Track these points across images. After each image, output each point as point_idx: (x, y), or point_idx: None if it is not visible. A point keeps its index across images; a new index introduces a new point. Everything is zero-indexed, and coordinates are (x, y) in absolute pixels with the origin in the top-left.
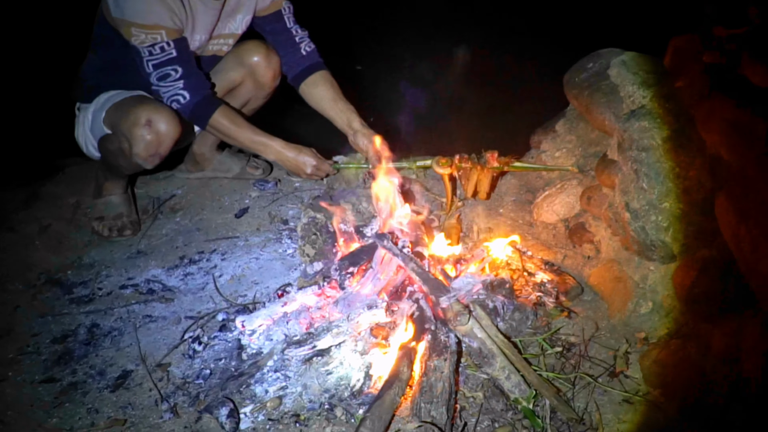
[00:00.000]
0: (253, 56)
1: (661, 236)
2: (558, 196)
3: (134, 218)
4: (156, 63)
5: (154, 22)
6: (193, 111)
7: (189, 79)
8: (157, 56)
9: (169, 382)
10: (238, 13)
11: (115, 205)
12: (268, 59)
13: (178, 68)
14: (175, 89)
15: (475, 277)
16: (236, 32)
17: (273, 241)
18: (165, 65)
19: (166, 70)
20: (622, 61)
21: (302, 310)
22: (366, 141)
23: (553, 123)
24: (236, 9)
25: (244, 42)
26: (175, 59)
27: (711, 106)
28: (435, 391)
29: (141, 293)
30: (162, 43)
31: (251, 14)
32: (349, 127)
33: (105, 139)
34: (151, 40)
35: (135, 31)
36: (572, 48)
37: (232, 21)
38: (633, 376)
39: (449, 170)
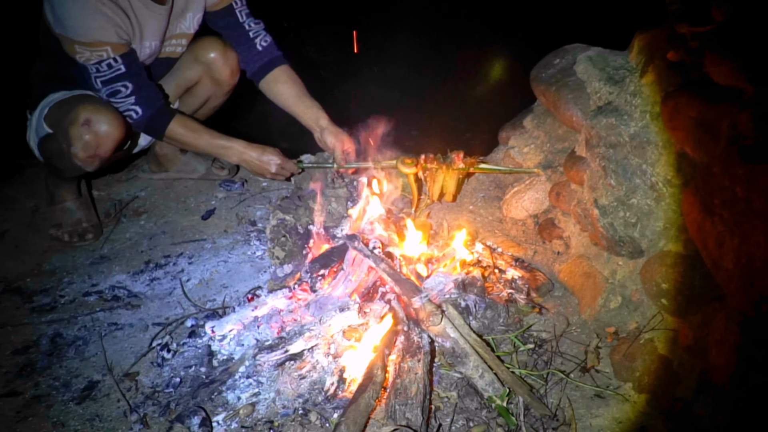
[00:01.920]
0: (209, 53)
1: (629, 232)
2: (527, 192)
3: (95, 221)
4: (104, 80)
5: (97, 39)
6: (148, 125)
7: (140, 93)
8: (105, 73)
9: (137, 392)
10: (188, 12)
11: (73, 211)
12: (225, 56)
13: (128, 84)
14: (127, 104)
15: (446, 276)
16: (188, 32)
17: (241, 243)
18: (114, 81)
19: (115, 86)
20: (588, 57)
21: (273, 313)
22: (333, 139)
23: (521, 119)
24: (186, 8)
25: (200, 39)
26: (124, 75)
27: (676, 103)
28: (409, 393)
29: (106, 300)
30: (109, 60)
31: (202, 11)
32: (317, 125)
33: (45, 139)
34: (96, 58)
35: (79, 49)
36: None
37: (182, 21)
38: (604, 371)
39: (414, 170)
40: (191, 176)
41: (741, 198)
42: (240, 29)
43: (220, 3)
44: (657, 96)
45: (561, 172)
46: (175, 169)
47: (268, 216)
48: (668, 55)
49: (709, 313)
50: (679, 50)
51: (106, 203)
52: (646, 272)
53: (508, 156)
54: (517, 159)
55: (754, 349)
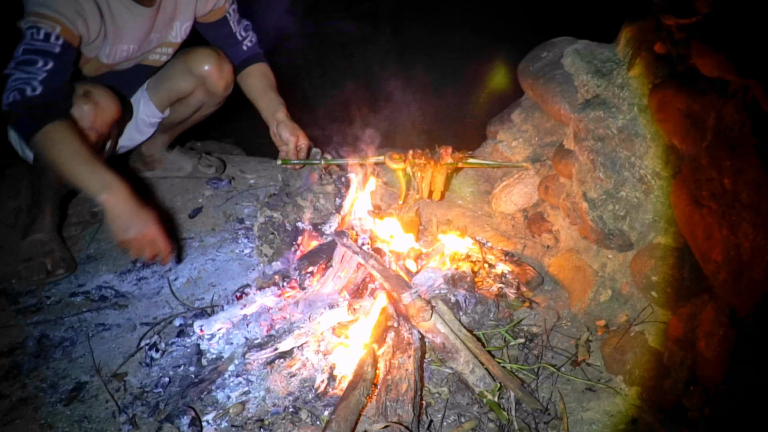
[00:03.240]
0: (203, 66)
1: (618, 225)
2: (516, 186)
3: (67, 255)
4: (30, 48)
5: (51, 14)
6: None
7: (53, 76)
8: (36, 43)
9: (126, 393)
10: (176, 20)
11: (44, 243)
12: (220, 69)
13: (50, 62)
14: (29, 77)
15: (436, 272)
16: (175, 41)
17: (229, 241)
18: (38, 54)
19: (36, 57)
20: (575, 50)
21: (262, 311)
22: (288, 133)
23: (509, 112)
24: (173, 16)
25: (194, 50)
26: (53, 55)
27: (663, 96)
28: (400, 389)
29: (92, 300)
30: (50, 32)
31: (191, 21)
32: (273, 118)
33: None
34: (41, 27)
35: (27, 17)
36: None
37: (169, 29)
38: (595, 364)
39: (402, 165)
40: (177, 174)
41: (728, 190)
42: (232, 38)
43: (215, 15)
44: (644, 88)
45: (550, 165)
46: (161, 168)
47: (256, 213)
48: (655, 47)
49: (698, 305)
50: (665, 42)
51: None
52: (636, 265)
53: (497, 150)
54: (505, 153)
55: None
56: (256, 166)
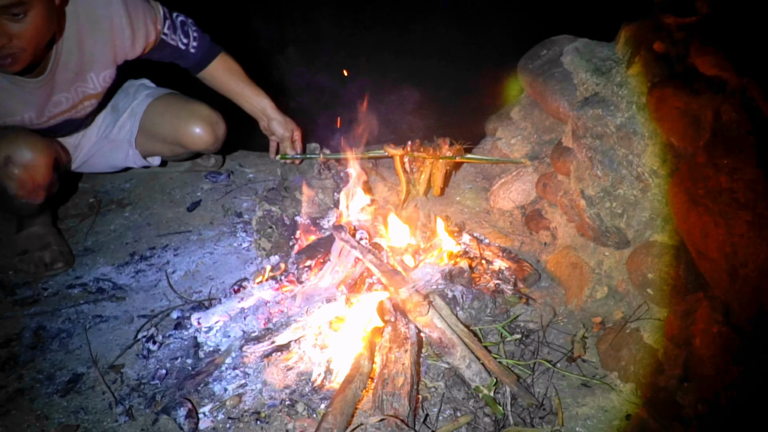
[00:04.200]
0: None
1: (615, 222)
2: (514, 183)
3: (65, 249)
4: None
5: None
6: None
7: None
8: None
9: (123, 384)
10: (89, 72)
11: (40, 236)
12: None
13: None
14: None
15: (433, 267)
16: (95, 92)
17: (227, 234)
18: None
19: None
20: (575, 48)
21: (260, 305)
22: (281, 129)
23: (508, 110)
24: (80, 71)
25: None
26: None
27: (662, 94)
28: (397, 383)
29: (90, 292)
30: None
31: (111, 68)
32: (263, 114)
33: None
34: None
35: None
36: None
37: (83, 83)
38: (590, 361)
39: (401, 151)
40: (177, 168)
41: (725, 188)
42: (176, 51)
43: (152, 45)
44: (643, 87)
45: (548, 163)
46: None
47: (254, 207)
48: (654, 46)
49: (693, 302)
50: (664, 41)
51: (90, 195)
52: (632, 262)
53: (496, 147)
54: (504, 150)
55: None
56: (255, 160)
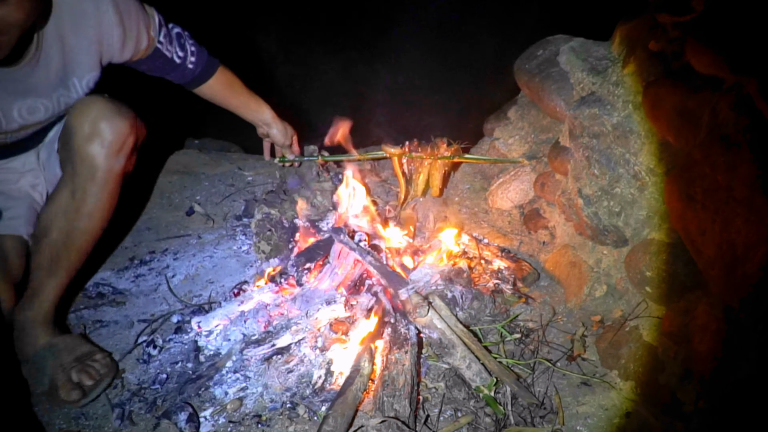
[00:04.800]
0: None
1: (613, 221)
2: (512, 182)
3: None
4: None
5: None
6: None
7: None
8: None
9: (123, 389)
10: (71, 77)
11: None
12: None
13: None
14: None
15: (433, 268)
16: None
17: (227, 238)
18: None
19: None
20: (571, 48)
21: (260, 308)
22: (281, 137)
23: (505, 110)
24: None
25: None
26: None
27: (659, 93)
28: (397, 384)
29: (90, 297)
30: None
31: (95, 71)
32: (262, 122)
33: None
34: None
35: None
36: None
37: (65, 91)
38: (590, 359)
39: (399, 151)
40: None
41: (722, 185)
42: (170, 64)
43: (144, 52)
44: (639, 86)
45: (545, 162)
46: None
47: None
48: (649, 44)
49: (691, 300)
50: (660, 40)
51: None
52: (631, 261)
53: (493, 147)
54: (502, 150)
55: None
56: (254, 163)
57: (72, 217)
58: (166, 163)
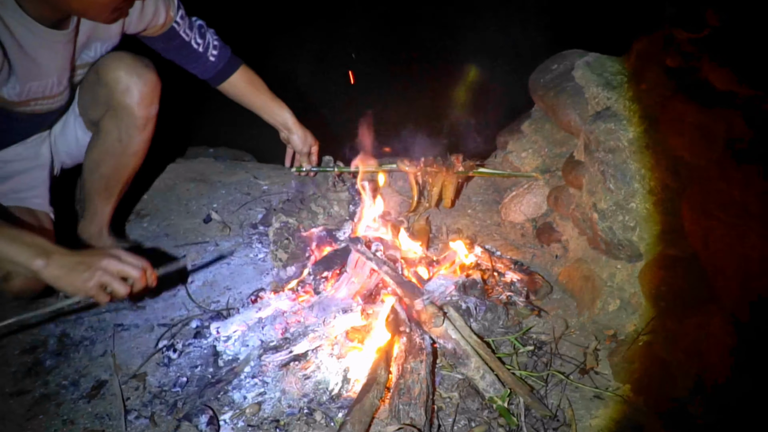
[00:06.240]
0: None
1: (628, 236)
2: (525, 196)
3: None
4: None
5: None
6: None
7: None
8: None
9: (145, 391)
10: (96, 41)
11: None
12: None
13: None
14: None
15: (447, 279)
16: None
17: (243, 245)
18: None
19: None
20: (586, 63)
21: (277, 315)
22: (300, 143)
23: (519, 123)
24: (91, 36)
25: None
26: None
27: (674, 109)
28: (413, 393)
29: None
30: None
31: (116, 40)
32: (284, 126)
33: None
34: None
35: None
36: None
37: (88, 50)
38: (603, 373)
39: (415, 169)
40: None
41: (737, 201)
42: (187, 49)
43: (160, 28)
44: (655, 101)
45: (559, 176)
46: None
47: (270, 219)
48: (665, 60)
49: (705, 315)
50: (676, 56)
51: None
52: (645, 275)
53: (507, 160)
54: (515, 163)
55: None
56: (268, 172)
57: (120, 156)
58: (182, 171)
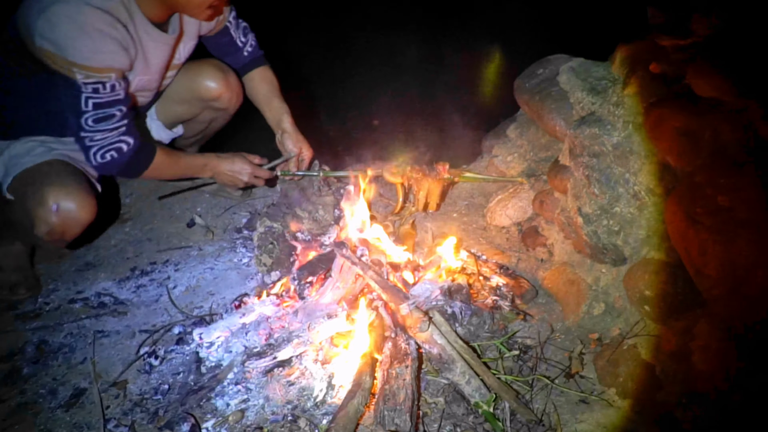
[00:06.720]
0: (210, 91)
1: (612, 240)
2: (511, 200)
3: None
4: (99, 102)
5: (107, 65)
6: (134, 158)
7: (129, 121)
8: (103, 96)
9: (125, 399)
10: (181, 42)
11: (16, 256)
12: (228, 87)
13: (123, 108)
14: (118, 134)
15: (433, 284)
16: (180, 62)
17: (228, 250)
18: (110, 106)
19: (110, 111)
20: (570, 68)
21: (261, 320)
22: (291, 144)
23: (504, 128)
24: (179, 41)
25: (197, 68)
26: (121, 100)
27: (659, 114)
28: (398, 399)
29: (91, 307)
30: (113, 82)
31: (195, 40)
32: (279, 127)
33: (6, 206)
34: (98, 80)
35: (79, 71)
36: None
37: (177, 55)
38: (588, 377)
39: (400, 179)
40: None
41: (724, 207)
42: (232, 45)
43: (216, 27)
44: (640, 106)
45: (544, 180)
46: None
47: (255, 223)
48: (650, 66)
49: (691, 319)
50: (661, 62)
51: None
52: (629, 279)
53: (492, 164)
54: (500, 167)
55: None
56: None
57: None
58: None
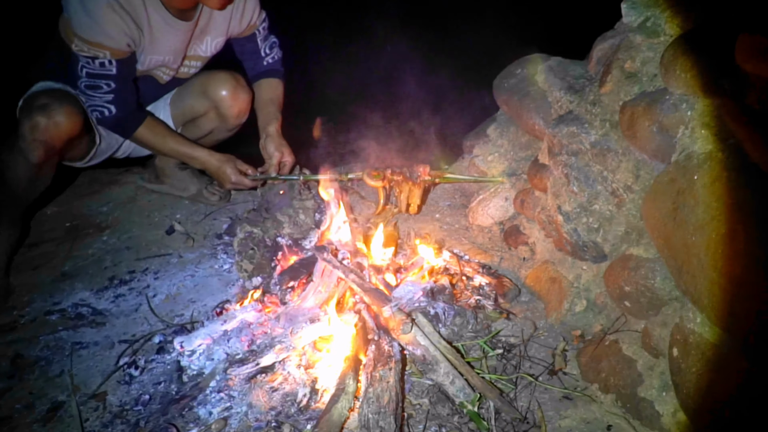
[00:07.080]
0: (219, 90)
1: (592, 237)
2: (492, 199)
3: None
4: (91, 73)
5: (99, 41)
6: (116, 124)
7: (119, 95)
8: (93, 68)
9: (105, 411)
10: (208, 35)
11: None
12: (235, 96)
13: (111, 84)
14: (102, 101)
15: (415, 285)
16: (204, 55)
17: (208, 256)
18: (99, 78)
19: (98, 82)
20: (548, 67)
21: (243, 327)
22: (273, 148)
23: (484, 127)
24: (205, 30)
25: (212, 73)
26: (112, 76)
27: (633, 112)
28: (382, 402)
29: (69, 318)
30: (103, 60)
31: (223, 37)
32: (264, 131)
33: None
34: (91, 54)
35: (77, 41)
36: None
37: (200, 43)
38: (571, 373)
39: (381, 183)
40: (182, 194)
41: (701, 201)
42: (255, 53)
43: (245, 31)
44: (615, 105)
45: (525, 179)
46: (169, 183)
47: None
48: (625, 65)
49: (669, 313)
50: (635, 60)
51: (67, 219)
52: (610, 276)
53: (473, 164)
54: (481, 167)
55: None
56: None
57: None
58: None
